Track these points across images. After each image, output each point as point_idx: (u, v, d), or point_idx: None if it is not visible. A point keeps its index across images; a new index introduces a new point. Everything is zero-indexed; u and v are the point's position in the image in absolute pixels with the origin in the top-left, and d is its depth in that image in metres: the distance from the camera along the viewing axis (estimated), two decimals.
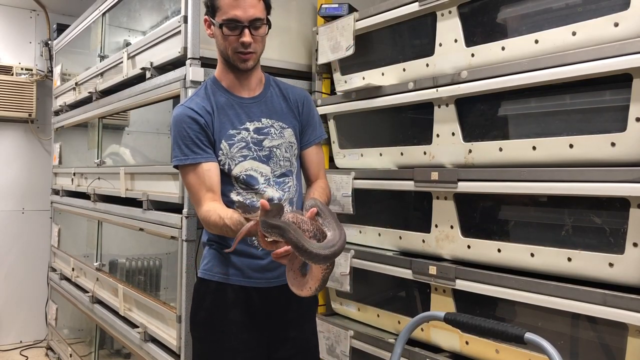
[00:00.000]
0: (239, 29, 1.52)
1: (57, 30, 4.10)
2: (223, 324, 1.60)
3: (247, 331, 1.60)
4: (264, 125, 1.61)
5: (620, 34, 1.29)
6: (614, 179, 1.26)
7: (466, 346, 1.60)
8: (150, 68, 2.35)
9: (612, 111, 1.33)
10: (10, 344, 4.23)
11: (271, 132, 1.61)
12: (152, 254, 3.08)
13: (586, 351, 1.38)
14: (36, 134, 4.37)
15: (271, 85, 1.69)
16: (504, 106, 1.59)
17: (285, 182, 1.63)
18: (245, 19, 1.51)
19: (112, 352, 3.19)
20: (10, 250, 4.27)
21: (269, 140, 1.60)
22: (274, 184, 1.60)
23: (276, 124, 1.63)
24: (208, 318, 1.62)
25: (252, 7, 1.52)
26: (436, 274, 1.64)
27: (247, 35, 1.52)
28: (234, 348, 1.59)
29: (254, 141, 1.59)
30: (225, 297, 1.61)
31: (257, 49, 1.57)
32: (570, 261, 1.36)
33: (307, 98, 1.73)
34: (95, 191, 3.06)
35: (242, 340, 1.59)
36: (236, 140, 1.58)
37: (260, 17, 1.54)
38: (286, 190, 1.62)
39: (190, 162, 1.53)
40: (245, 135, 1.59)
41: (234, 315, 1.60)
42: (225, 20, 1.51)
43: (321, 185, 1.68)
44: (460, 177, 1.61)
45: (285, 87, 1.72)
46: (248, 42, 1.53)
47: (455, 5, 1.66)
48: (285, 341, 1.65)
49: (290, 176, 1.65)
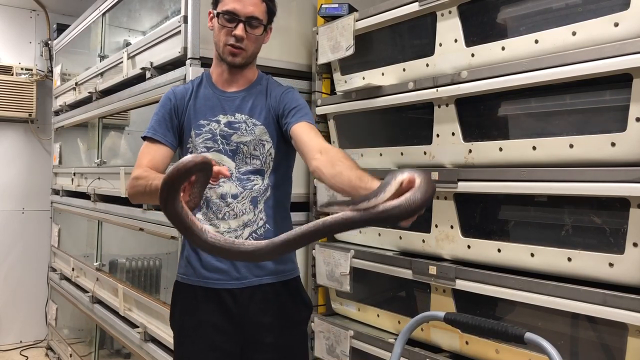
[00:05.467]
0: (235, 22, 1.54)
1: (57, 30, 4.11)
2: (192, 326, 1.60)
3: (218, 334, 1.58)
4: (237, 120, 1.60)
5: (620, 34, 1.29)
6: (614, 179, 1.26)
7: (466, 346, 1.60)
8: (150, 68, 2.35)
9: (612, 111, 1.33)
10: (10, 344, 4.23)
11: (242, 128, 1.59)
12: (152, 254, 3.08)
13: (586, 351, 1.38)
14: (36, 134, 4.37)
15: (260, 84, 1.67)
16: (504, 106, 1.59)
17: (249, 180, 1.59)
18: (242, 14, 1.53)
19: (112, 352, 3.19)
20: (10, 250, 4.27)
21: (238, 136, 1.59)
22: (235, 179, 1.58)
23: (249, 120, 1.60)
24: (178, 320, 1.65)
25: (252, 5, 1.54)
26: (436, 274, 1.64)
27: (240, 29, 1.53)
28: (202, 351, 1.58)
29: (222, 134, 1.59)
30: (193, 299, 1.61)
31: (249, 47, 1.58)
32: (570, 261, 1.36)
33: (288, 90, 1.64)
34: (95, 191, 3.06)
35: (212, 343, 1.58)
36: (204, 130, 1.59)
37: (259, 17, 1.55)
38: (247, 188, 1.58)
39: (149, 135, 1.60)
40: (214, 127, 1.59)
41: (205, 316, 1.59)
42: (223, 11, 1.54)
43: (336, 155, 1.34)
44: (460, 177, 1.61)
45: (272, 85, 1.68)
46: (240, 36, 1.53)
47: (455, 5, 1.66)
48: (261, 346, 1.60)
49: (260, 176, 1.60)
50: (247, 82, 1.66)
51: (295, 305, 1.67)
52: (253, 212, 1.58)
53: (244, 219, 1.57)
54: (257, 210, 1.58)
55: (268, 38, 1.66)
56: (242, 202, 1.57)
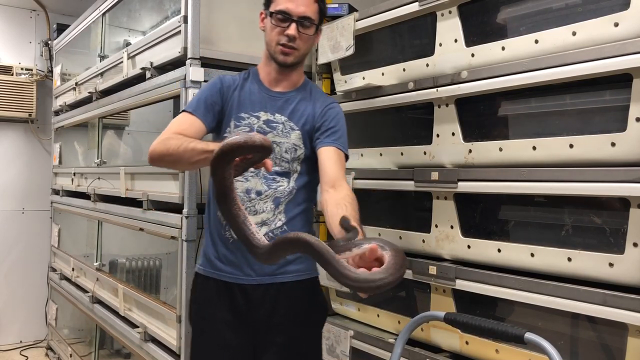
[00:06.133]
0: (288, 21, 1.54)
1: (57, 30, 4.10)
2: (207, 320, 1.63)
3: (229, 330, 1.59)
4: (276, 120, 1.61)
5: (620, 34, 1.29)
6: (614, 179, 1.26)
7: (466, 346, 1.60)
8: (150, 68, 2.35)
9: (612, 111, 1.33)
10: (10, 344, 4.23)
11: (278, 128, 1.61)
12: (152, 254, 3.08)
13: (586, 351, 1.38)
14: (36, 134, 4.37)
15: (304, 89, 1.68)
16: (504, 106, 1.59)
17: (275, 180, 1.60)
18: (295, 14, 1.54)
19: (112, 352, 3.19)
20: (10, 250, 4.27)
21: (273, 135, 1.59)
22: (262, 177, 1.58)
23: (287, 123, 1.62)
24: (196, 313, 1.68)
25: (305, 5, 1.55)
26: (436, 274, 1.64)
27: (293, 29, 1.54)
28: (213, 347, 1.60)
29: (259, 130, 1.59)
30: (209, 292, 1.63)
31: (301, 47, 1.58)
32: (570, 261, 1.36)
33: (331, 105, 1.66)
34: (95, 191, 3.06)
35: (224, 341, 1.59)
36: (243, 123, 1.61)
37: (311, 17, 1.56)
38: (272, 187, 1.59)
39: (189, 110, 1.60)
40: (253, 122, 1.60)
41: (218, 311, 1.60)
42: (276, 10, 1.55)
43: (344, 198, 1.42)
44: (460, 177, 1.61)
45: (316, 93, 1.70)
46: (292, 35, 1.54)
47: (455, 5, 1.66)
48: (271, 346, 1.59)
49: (286, 178, 1.61)
50: (293, 85, 1.66)
51: (309, 306, 1.65)
52: (273, 212, 1.58)
53: (263, 217, 1.58)
54: (277, 211, 1.59)
55: (319, 39, 1.67)
56: (264, 200, 1.58)
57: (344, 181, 1.51)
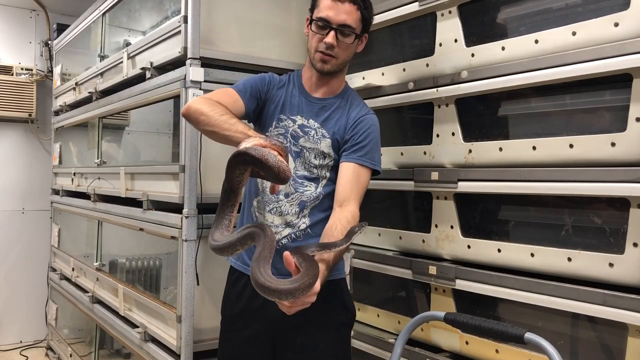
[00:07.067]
0: (327, 29, 1.54)
1: (57, 30, 4.10)
2: (231, 315, 1.66)
3: (252, 329, 1.60)
4: (309, 125, 1.62)
5: (620, 34, 1.29)
6: (614, 179, 1.26)
7: (466, 346, 1.60)
8: (150, 68, 2.35)
9: (612, 111, 1.33)
10: (10, 344, 4.23)
11: (310, 134, 1.61)
12: (152, 254, 3.08)
13: (586, 351, 1.38)
14: (36, 134, 4.37)
15: (342, 98, 1.66)
16: (504, 106, 1.59)
17: (303, 185, 1.60)
18: (335, 22, 1.53)
19: (112, 352, 3.19)
20: (10, 250, 4.27)
21: (305, 140, 1.60)
22: (291, 180, 1.59)
23: (320, 130, 1.62)
24: (227, 307, 1.70)
25: (346, 13, 1.53)
26: (436, 274, 1.64)
27: (331, 37, 1.53)
28: (234, 343, 1.61)
29: (293, 134, 1.61)
30: (236, 287, 1.65)
31: (340, 55, 1.57)
32: (570, 261, 1.36)
33: (365, 116, 1.62)
34: (95, 191, 3.06)
35: (246, 339, 1.60)
36: (280, 125, 1.63)
37: (352, 25, 1.54)
38: (299, 191, 1.59)
39: (236, 89, 1.61)
40: (289, 124, 1.62)
41: (240, 307, 1.63)
42: (317, 18, 1.55)
43: (344, 220, 1.47)
44: (460, 177, 1.61)
45: (354, 102, 1.66)
46: (330, 43, 1.53)
47: (455, 5, 1.66)
48: (292, 346, 1.60)
49: (314, 184, 1.61)
50: (332, 92, 1.65)
51: (332, 307, 1.61)
52: (297, 215, 1.59)
53: (287, 218, 1.59)
54: (301, 214, 1.59)
55: (362, 47, 1.65)
56: (290, 202, 1.59)
57: (352, 200, 1.52)
